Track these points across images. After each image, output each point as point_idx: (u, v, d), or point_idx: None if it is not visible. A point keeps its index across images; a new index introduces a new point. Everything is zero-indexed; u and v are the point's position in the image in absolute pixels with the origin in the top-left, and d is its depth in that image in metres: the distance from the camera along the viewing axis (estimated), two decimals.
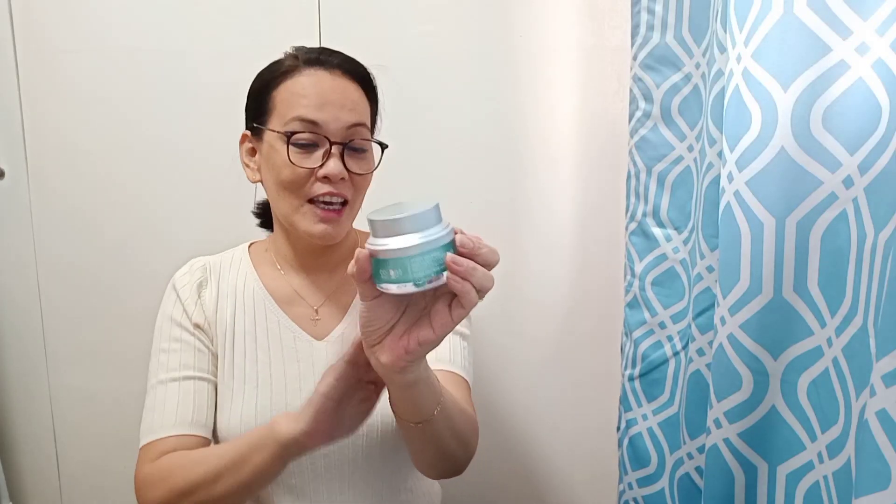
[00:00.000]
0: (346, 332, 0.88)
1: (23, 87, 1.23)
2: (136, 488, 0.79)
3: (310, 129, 0.79)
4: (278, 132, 0.80)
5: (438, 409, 0.69)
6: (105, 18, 1.20)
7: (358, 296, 0.77)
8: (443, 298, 0.58)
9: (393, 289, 0.55)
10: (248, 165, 0.88)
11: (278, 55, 0.86)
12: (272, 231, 0.93)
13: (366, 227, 0.92)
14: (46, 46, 1.21)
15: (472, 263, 0.55)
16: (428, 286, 0.55)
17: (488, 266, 0.57)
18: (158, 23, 1.19)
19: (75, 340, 1.30)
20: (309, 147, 0.80)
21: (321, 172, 0.79)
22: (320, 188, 0.80)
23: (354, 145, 0.82)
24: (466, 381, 0.87)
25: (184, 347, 0.84)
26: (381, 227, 0.55)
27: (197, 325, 0.86)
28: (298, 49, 0.85)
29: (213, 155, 1.20)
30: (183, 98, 1.20)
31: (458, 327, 0.85)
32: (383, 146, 0.86)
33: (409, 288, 0.55)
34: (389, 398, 0.69)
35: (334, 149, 0.80)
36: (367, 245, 0.56)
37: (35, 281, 1.28)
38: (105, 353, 1.29)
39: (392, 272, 0.55)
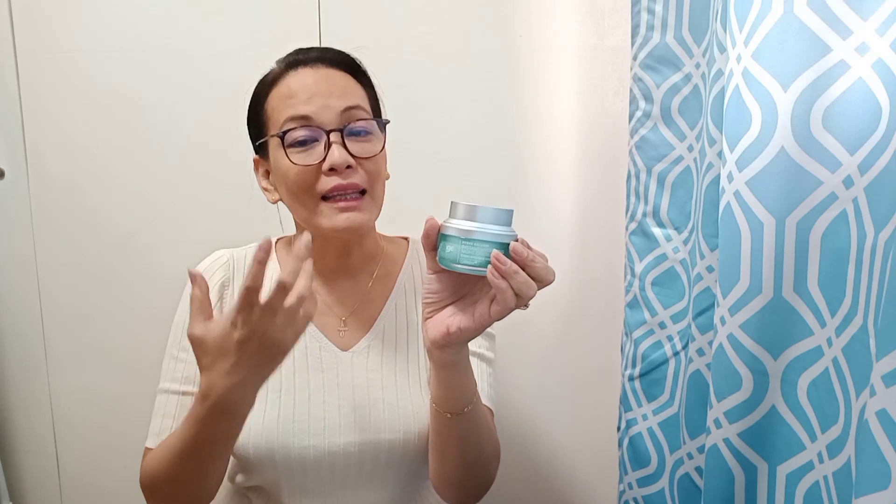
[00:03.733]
0: (372, 344, 0.86)
1: (23, 87, 1.22)
2: (141, 485, 0.80)
3: (303, 125, 0.77)
4: (276, 136, 0.79)
5: (470, 407, 0.73)
6: (105, 18, 1.20)
7: (384, 309, 0.88)
8: (490, 295, 0.64)
9: (444, 263, 0.63)
10: (265, 189, 0.86)
11: (278, 55, 0.85)
12: None
13: (392, 232, 0.93)
14: (46, 46, 1.21)
15: (515, 266, 0.60)
16: (470, 271, 0.62)
17: (539, 281, 0.62)
18: (158, 23, 1.19)
19: (75, 340, 1.30)
20: (308, 144, 0.78)
21: (326, 164, 0.76)
22: (330, 182, 0.77)
23: (354, 128, 0.79)
24: (491, 411, 0.86)
25: (189, 359, 0.83)
26: (454, 209, 0.63)
27: None
28: (279, 60, 0.84)
29: (213, 155, 1.20)
30: (182, 98, 1.21)
31: (483, 351, 0.88)
32: (382, 123, 0.83)
33: (455, 267, 0.62)
34: (430, 385, 0.73)
35: (333, 136, 0.77)
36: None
37: (35, 281, 1.28)
38: (105, 353, 1.29)
39: (447, 248, 0.63)
